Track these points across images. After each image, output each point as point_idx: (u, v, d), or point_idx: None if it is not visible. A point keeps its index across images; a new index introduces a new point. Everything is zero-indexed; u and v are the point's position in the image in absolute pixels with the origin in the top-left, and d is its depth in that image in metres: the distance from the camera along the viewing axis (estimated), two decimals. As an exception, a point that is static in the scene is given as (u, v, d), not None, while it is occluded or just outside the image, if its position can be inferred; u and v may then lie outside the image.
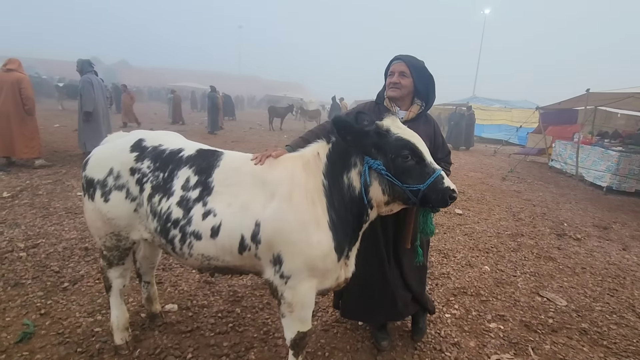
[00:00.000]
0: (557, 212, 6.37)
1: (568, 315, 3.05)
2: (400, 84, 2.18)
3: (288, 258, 1.70)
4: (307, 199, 1.71)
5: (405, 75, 2.18)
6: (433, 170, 1.67)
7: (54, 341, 2.27)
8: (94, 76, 6.48)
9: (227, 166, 1.85)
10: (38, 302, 2.66)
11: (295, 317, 1.81)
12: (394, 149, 1.65)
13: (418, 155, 1.67)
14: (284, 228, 1.67)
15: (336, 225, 1.73)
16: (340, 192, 1.75)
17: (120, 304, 2.20)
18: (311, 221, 1.69)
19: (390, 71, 2.23)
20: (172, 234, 1.79)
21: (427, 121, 2.33)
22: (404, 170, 1.66)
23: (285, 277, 1.73)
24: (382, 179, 1.68)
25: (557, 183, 9.07)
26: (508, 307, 3.11)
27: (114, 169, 1.89)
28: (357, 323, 2.70)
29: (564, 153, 10.49)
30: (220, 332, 2.48)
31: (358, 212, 1.76)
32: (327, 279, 1.81)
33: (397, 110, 2.25)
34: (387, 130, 1.68)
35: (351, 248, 1.87)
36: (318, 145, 1.85)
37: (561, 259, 4.26)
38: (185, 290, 2.98)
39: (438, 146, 2.34)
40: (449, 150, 2.44)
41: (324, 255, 1.70)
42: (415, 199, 1.67)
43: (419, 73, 2.20)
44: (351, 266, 1.93)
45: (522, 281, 3.62)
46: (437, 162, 2.36)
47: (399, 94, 2.21)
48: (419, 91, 2.23)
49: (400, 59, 2.21)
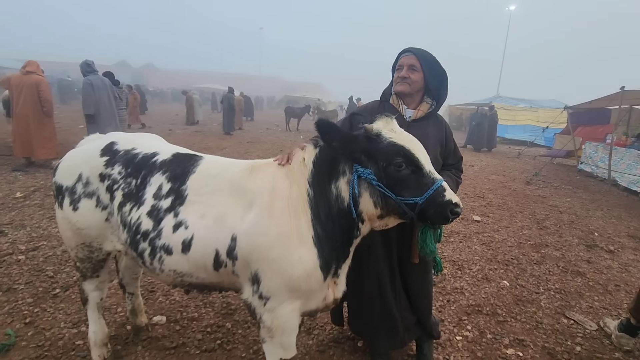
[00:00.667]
0: (587, 220, 5.88)
1: (599, 342, 2.70)
2: (409, 79, 1.96)
3: (266, 277, 1.50)
4: (290, 210, 1.51)
5: (416, 69, 1.96)
6: (432, 180, 1.43)
7: (32, 355, 2.16)
8: (95, 77, 6.41)
9: (204, 173, 1.67)
10: (25, 309, 2.58)
11: (277, 343, 1.60)
12: (385, 156, 1.43)
13: (414, 163, 1.43)
14: (261, 243, 1.48)
15: (322, 240, 1.52)
16: (328, 203, 1.54)
17: (98, 318, 2.06)
18: (293, 235, 1.49)
19: (399, 65, 2.02)
20: (141, 247, 1.62)
21: (438, 122, 2.10)
22: (398, 180, 1.43)
23: (264, 298, 1.53)
24: (373, 190, 1.46)
25: (586, 188, 8.46)
26: (529, 330, 2.79)
27: (83, 174, 1.75)
28: (357, 344, 2.46)
29: (595, 155, 9.82)
30: (206, 350, 2.31)
31: (348, 226, 1.55)
32: (312, 300, 1.60)
33: (405, 109, 2.04)
34: (377, 134, 1.46)
35: (340, 266, 1.65)
36: (304, 150, 1.64)
37: (591, 274, 3.85)
38: (177, 301, 2.84)
39: (450, 151, 2.13)
40: (461, 156, 2.22)
41: (307, 274, 1.49)
42: (412, 213, 1.44)
43: (431, 67, 1.97)
44: (341, 285, 1.71)
45: (546, 299, 3.27)
46: (447, 168, 2.09)
47: (407, 89, 1.99)
48: (429, 88, 2.00)
49: (410, 51, 2.00)
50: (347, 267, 1.71)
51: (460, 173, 2.19)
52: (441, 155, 2.09)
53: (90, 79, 6.31)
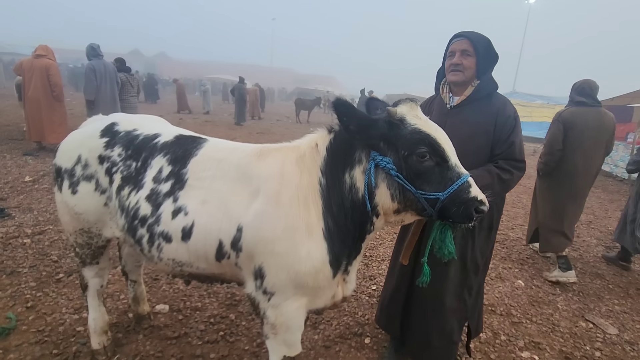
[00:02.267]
0: (606, 220, 5.66)
1: (620, 348, 2.55)
2: (462, 65, 1.82)
3: (271, 272, 1.40)
4: (299, 200, 1.39)
5: (469, 53, 1.81)
6: (458, 175, 1.30)
7: (32, 339, 2.12)
8: (98, 62, 6.27)
9: (207, 156, 1.57)
10: (28, 293, 2.54)
11: (280, 341, 1.51)
12: (407, 144, 1.29)
13: (439, 154, 1.29)
14: (266, 236, 1.37)
15: (333, 234, 1.41)
16: (341, 193, 1.41)
17: (98, 305, 2.00)
18: (301, 228, 1.37)
19: (450, 51, 1.87)
20: (139, 234, 1.54)
21: (488, 106, 1.85)
22: (420, 172, 1.30)
23: (268, 294, 1.43)
24: (391, 181, 1.33)
25: (605, 187, 8.18)
26: (545, 332, 2.66)
27: (82, 156, 1.67)
28: (364, 341, 2.37)
29: (615, 154, 9.48)
30: (208, 341, 2.24)
31: (361, 219, 1.42)
32: (320, 297, 1.50)
33: (451, 97, 1.93)
34: (401, 119, 1.32)
35: (351, 262, 1.54)
36: (317, 135, 1.51)
37: (611, 277, 3.68)
38: (181, 290, 2.77)
39: (498, 139, 1.83)
40: (520, 149, 1.85)
41: (315, 270, 1.38)
42: (432, 210, 1.32)
43: (486, 51, 1.83)
44: (351, 283, 1.60)
45: (563, 301, 3.12)
46: (492, 159, 1.85)
47: (461, 78, 1.84)
48: (480, 73, 1.85)
49: (462, 35, 1.84)
50: (358, 265, 1.60)
51: (515, 171, 1.81)
52: (490, 143, 1.83)
53: (93, 64, 6.19)
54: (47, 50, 6.52)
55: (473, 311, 2.07)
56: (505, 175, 1.78)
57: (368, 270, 3.37)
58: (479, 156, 1.82)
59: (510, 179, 1.80)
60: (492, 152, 1.84)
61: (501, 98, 1.89)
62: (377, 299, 2.88)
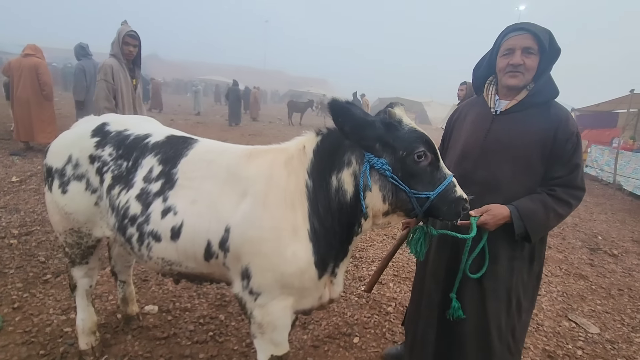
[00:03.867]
0: (591, 223, 5.80)
1: (601, 347, 2.63)
2: (523, 66, 1.52)
3: (257, 272, 1.41)
4: (286, 202, 1.41)
5: (532, 52, 1.51)
6: (444, 175, 1.35)
7: (19, 340, 2.10)
8: (88, 62, 6.20)
9: (197, 156, 1.58)
10: (15, 294, 2.52)
11: (267, 340, 1.53)
12: (406, 145, 1.31)
13: (434, 153, 1.34)
14: (253, 236, 1.39)
15: (319, 235, 1.41)
16: (327, 196, 1.42)
17: (86, 305, 1.99)
18: (287, 230, 1.38)
19: (508, 47, 1.55)
20: (129, 233, 1.54)
21: (545, 115, 1.55)
22: (415, 172, 1.33)
23: (254, 294, 1.44)
24: (384, 183, 1.34)
25: (591, 191, 8.36)
26: (529, 332, 2.71)
27: (73, 156, 1.67)
28: (352, 340, 2.40)
29: (601, 159, 9.71)
30: (198, 342, 2.24)
31: (348, 221, 1.43)
32: (306, 298, 1.51)
33: (497, 100, 1.65)
34: (399, 121, 1.35)
35: (338, 264, 1.55)
36: (305, 137, 1.53)
37: (594, 278, 3.78)
38: (170, 290, 2.77)
39: (558, 159, 1.52)
40: (582, 175, 1.57)
41: (301, 271, 1.40)
42: (420, 209, 1.35)
43: (551, 47, 1.52)
44: (338, 285, 1.60)
45: (548, 301, 3.19)
46: (548, 182, 1.56)
47: (522, 81, 1.54)
48: (538, 73, 1.57)
49: (524, 29, 1.52)
50: (346, 267, 1.62)
51: (569, 193, 1.53)
52: (544, 161, 1.54)
53: (82, 65, 6.14)
54: (35, 50, 6.44)
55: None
56: (563, 209, 1.52)
57: (358, 271, 3.41)
58: (531, 174, 1.57)
59: (567, 212, 1.55)
60: (547, 174, 1.56)
61: (563, 109, 1.59)
62: (366, 299, 2.92)
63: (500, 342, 1.62)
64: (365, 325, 2.58)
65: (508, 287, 1.61)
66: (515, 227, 1.50)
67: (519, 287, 1.64)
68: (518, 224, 1.49)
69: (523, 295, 1.66)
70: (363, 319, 2.66)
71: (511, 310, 1.64)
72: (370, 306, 2.83)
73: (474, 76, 1.77)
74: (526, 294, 1.68)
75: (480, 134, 1.66)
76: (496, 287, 1.61)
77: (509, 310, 1.63)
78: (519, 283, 1.64)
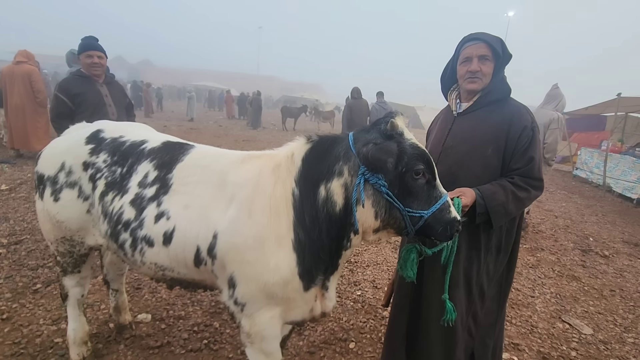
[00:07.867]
0: (582, 225, 5.86)
1: (594, 347, 2.65)
2: (481, 72, 1.65)
3: (242, 282, 1.39)
4: (271, 210, 1.37)
5: (487, 58, 1.65)
6: (440, 194, 1.34)
7: (7, 352, 2.05)
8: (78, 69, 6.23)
9: (192, 162, 1.57)
10: (3, 305, 2.47)
11: (257, 349, 1.51)
12: (407, 161, 1.28)
13: (432, 172, 1.32)
14: (237, 244, 1.36)
15: (303, 246, 1.37)
16: (315, 206, 1.36)
17: (78, 315, 1.96)
18: (271, 238, 1.35)
19: (465, 57, 1.68)
20: (122, 238, 1.53)
21: (501, 112, 1.67)
22: (411, 190, 1.30)
23: (239, 304, 1.42)
24: (378, 198, 1.31)
25: (581, 193, 8.47)
26: (524, 334, 2.73)
27: (66, 163, 1.65)
28: (348, 346, 2.39)
29: (590, 161, 9.85)
30: (192, 350, 2.21)
31: (337, 234, 1.38)
32: (294, 309, 1.48)
33: (458, 104, 1.80)
34: (401, 133, 1.32)
35: (329, 278, 1.51)
36: (295, 144, 1.49)
37: (586, 279, 3.82)
38: (164, 299, 2.74)
39: (517, 152, 1.63)
40: (539, 166, 1.66)
41: (284, 281, 1.36)
42: (412, 228, 1.33)
43: (503, 53, 1.67)
44: (331, 300, 1.56)
45: (541, 303, 3.22)
46: (507, 173, 1.68)
47: (480, 86, 1.68)
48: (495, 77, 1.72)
49: (478, 39, 1.66)
50: (337, 281, 1.58)
51: (532, 189, 1.64)
52: (500, 154, 1.65)
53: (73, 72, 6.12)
54: (28, 56, 6.39)
55: (484, 348, 1.86)
56: (521, 193, 1.62)
57: (353, 276, 3.40)
58: (486, 167, 1.67)
59: (527, 198, 1.64)
60: (507, 166, 1.67)
61: (517, 105, 1.71)
62: (362, 304, 2.91)
63: (461, 325, 1.77)
64: (361, 330, 2.57)
65: (468, 274, 1.74)
66: (477, 206, 1.57)
67: (482, 275, 1.77)
68: (480, 203, 1.58)
69: (487, 284, 1.79)
70: (359, 324, 2.65)
71: (472, 297, 1.77)
72: (366, 311, 2.83)
73: (441, 83, 1.91)
74: (492, 283, 1.82)
75: (442, 135, 1.83)
76: (455, 274, 1.70)
77: (469, 297, 1.77)
78: (482, 272, 1.76)
